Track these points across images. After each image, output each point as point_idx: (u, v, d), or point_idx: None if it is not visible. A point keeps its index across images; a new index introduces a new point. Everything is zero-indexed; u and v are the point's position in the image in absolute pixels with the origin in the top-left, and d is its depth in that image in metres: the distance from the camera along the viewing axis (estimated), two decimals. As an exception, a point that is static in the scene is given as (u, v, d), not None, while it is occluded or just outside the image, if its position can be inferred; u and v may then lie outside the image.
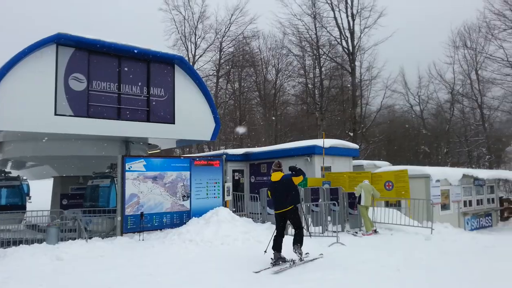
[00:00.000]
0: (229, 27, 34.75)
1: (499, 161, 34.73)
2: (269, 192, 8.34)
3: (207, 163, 12.54)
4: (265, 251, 8.13)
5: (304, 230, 8.52)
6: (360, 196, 12.16)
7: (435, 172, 14.42)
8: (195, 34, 34.72)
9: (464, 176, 15.11)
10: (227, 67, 36.28)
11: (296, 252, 7.78)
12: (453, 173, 14.96)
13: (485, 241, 11.27)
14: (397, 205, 13.98)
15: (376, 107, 34.26)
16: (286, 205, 7.88)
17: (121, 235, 10.64)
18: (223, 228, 10.31)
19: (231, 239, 9.97)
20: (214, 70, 35.76)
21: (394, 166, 17.70)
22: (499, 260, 8.49)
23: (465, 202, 15.48)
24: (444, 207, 14.51)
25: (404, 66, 41.84)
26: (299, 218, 8.12)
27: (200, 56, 35.05)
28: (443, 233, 12.01)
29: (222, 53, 35.35)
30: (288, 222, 8.44)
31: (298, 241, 7.84)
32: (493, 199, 17.20)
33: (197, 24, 34.57)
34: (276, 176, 8.09)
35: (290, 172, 8.02)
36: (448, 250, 9.57)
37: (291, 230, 9.16)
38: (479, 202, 16.26)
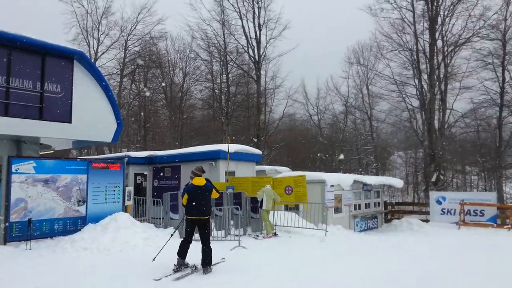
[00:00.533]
0: (136, 26, 33.56)
1: (384, 168, 38.63)
2: (186, 195, 7.74)
3: (107, 166, 11.91)
4: (154, 259, 8.02)
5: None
6: (262, 201, 12.59)
7: (330, 177, 15.48)
8: (98, 30, 32.86)
9: (355, 181, 16.43)
10: (132, 66, 34.90)
11: (206, 274, 7.45)
12: (345, 179, 16.19)
13: (371, 241, 12.44)
14: (295, 208, 14.75)
15: (279, 115, 35.78)
16: (205, 213, 7.71)
17: (5, 244, 9.58)
18: (122, 234, 9.87)
19: (131, 245, 9.60)
20: (118, 69, 34.14)
21: (294, 171, 18.64)
22: (383, 260, 9.44)
23: (355, 205, 16.87)
24: (337, 210, 15.65)
25: (305, 78, 44.58)
26: (209, 231, 7.92)
27: (103, 53, 33.24)
28: (336, 234, 12.99)
29: (127, 51, 33.91)
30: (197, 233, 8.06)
31: (209, 263, 7.55)
32: (379, 203, 19.01)
33: (100, 19, 32.75)
34: (200, 181, 7.80)
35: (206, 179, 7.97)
36: (341, 251, 10.36)
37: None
38: (367, 205, 17.84)
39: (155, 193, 16.92)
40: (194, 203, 7.67)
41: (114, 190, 11.91)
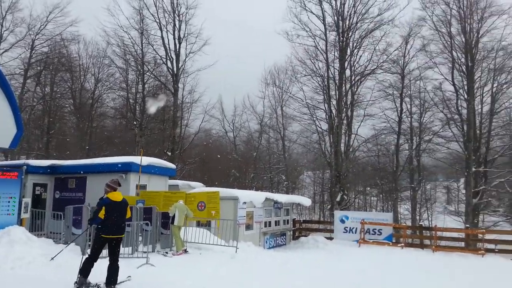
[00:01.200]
0: (46, 25, 31.13)
1: (294, 186, 40.16)
2: (103, 211, 7.03)
3: (2, 174, 10.79)
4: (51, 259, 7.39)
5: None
6: (174, 216, 12.31)
7: (243, 194, 15.69)
8: (2, 26, 29.93)
9: (266, 199, 16.84)
10: (38, 67, 32.26)
11: None
12: (257, 196, 16.52)
13: (279, 258, 12.79)
14: (207, 225, 14.65)
15: (195, 130, 35.49)
16: (122, 231, 7.32)
17: None
18: (17, 250, 8.97)
19: (25, 262, 8.74)
20: (21, 69, 31.29)
21: (207, 187, 18.57)
22: (291, 277, 9.75)
23: (265, 222, 17.25)
24: (248, 227, 15.87)
25: (222, 94, 45.08)
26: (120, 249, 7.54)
27: (6, 51, 30.22)
28: (246, 251, 13.13)
29: (33, 51, 31.29)
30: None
31: (114, 282, 7.16)
32: (288, 220, 19.67)
33: (5, 14, 29.88)
34: (117, 196, 7.34)
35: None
36: (250, 267, 10.50)
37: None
38: (277, 223, 18.36)
39: (56, 206, 15.62)
40: (112, 220, 7.13)
41: (8, 201, 10.82)
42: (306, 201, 21.23)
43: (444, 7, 25.50)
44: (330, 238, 18.50)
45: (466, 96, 24.78)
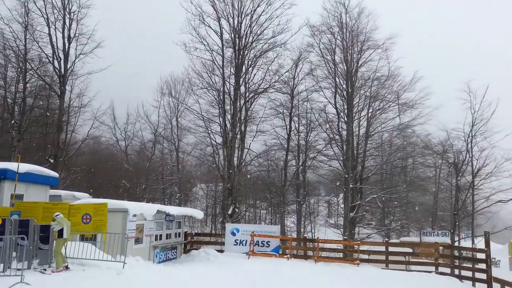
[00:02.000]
0: None
1: (187, 199, 39.87)
2: None
3: None
4: None
5: None
6: (62, 229, 11.37)
7: (133, 206, 15.11)
8: None
9: (158, 211, 16.44)
10: None
11: None
12: (148, 209, 16.07)
13: (169, 273, 12.62)
14: (92, 239, 13.80)
15: (82, 136, 33.18)
16: None
17: None
18: None
19: None
20: None
21: (94, 198, 17.52)
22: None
23: (156, 236, 16.81)
24: (138, 241, 15.30)
25: (115, 101, 42.95)
26: None
27: None
28: (135, 266, 12.67)
29: None
30: None
31: None
32: (179, 233, 19.43)
33: None
34: None
35: None
36: (136, 285, 10.18)
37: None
38: (168, 236, 18.01)
39: None
40: None
41: None
42: (199, 214, 21.25)
43: (330, 36, 28.13)
44: (221, 251, 18.75)
45: (346, 119, 27.50)
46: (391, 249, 17.67)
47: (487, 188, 24.73)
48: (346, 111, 27.71)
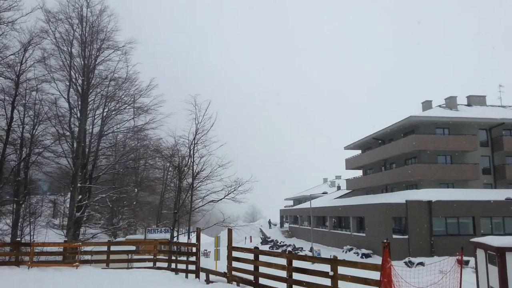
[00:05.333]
0: None
1: None
2: None
3: None
4: None
5: None
6: None
7: None
8: None
9: None
10: None
11: None
12: None
13: None
14: None
15: None
16: None
17: None
18: None
19: None
20: None
21: None
22: None
23: None
24: None
25: None
26: None
27: None
28: None
29: None
30: None
31: None
32: None
33: None
34: None
35: None
36: None
37: None
38: None
39: None
40: None
41: None
42: None
43: (68, 27, 26.35)
44: None
45: (79, 115, 26.27)
46: (113, 248, 17.95)
47: (203, 189, 28.47)
48: (80, 107, 26.41)
